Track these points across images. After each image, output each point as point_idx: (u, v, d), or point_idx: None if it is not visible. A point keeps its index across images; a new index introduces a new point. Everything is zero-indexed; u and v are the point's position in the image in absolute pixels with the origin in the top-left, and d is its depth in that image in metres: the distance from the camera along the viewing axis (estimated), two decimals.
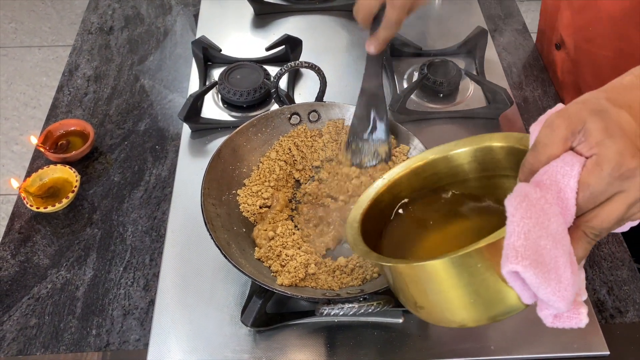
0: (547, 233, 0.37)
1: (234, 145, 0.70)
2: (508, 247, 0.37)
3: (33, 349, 0.65)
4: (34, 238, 0.75)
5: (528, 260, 0.36)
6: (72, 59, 1.00)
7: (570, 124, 0.39)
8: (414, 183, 0.56)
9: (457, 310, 0.44)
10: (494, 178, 0.53)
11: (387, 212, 0.56)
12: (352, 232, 0.51)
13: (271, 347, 0.64)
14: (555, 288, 0.37)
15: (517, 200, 0.38)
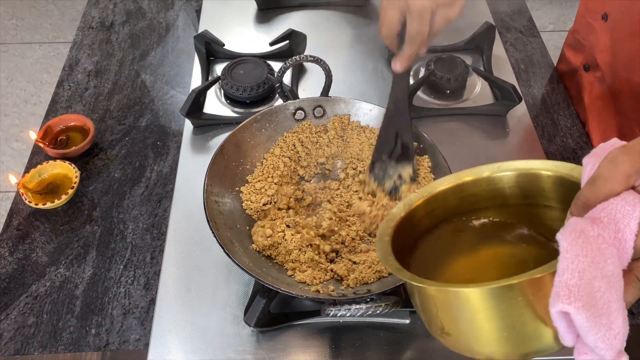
0: (603, 274, 0.35)
1: (238, 141, 0.69)
2: (560, 284, 0.34)
3: (31, 348, 0.64)
4: (32, 235, 0.73)
5: (581, 302, 0.34)
6: (73, 54, 0.98)
7: (636, 162, 0.37)
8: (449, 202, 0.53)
9: (487, 343, 0.41)
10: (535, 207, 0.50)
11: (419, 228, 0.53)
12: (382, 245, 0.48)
13: (275, 348, 0.62)
14: (605, 335, 0.34)
15: (572, 235, 0.35)
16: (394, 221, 0.50)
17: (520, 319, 0.39)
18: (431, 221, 0.53)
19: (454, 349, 0.43)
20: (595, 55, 0.85)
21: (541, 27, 2.39)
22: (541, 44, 1.00)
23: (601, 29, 0.83)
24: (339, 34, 0.99)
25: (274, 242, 0.64)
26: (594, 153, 0.40)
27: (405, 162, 0.66)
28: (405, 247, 0.51)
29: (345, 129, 0.73)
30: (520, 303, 0.38)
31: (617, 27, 0.79)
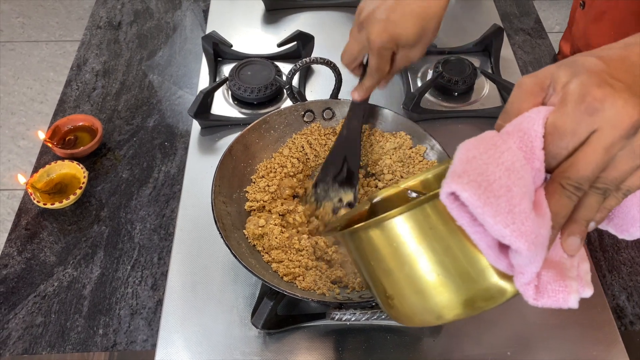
0: (498, 162, 0.33)
1: (246, 142, 0.69)
2: (449, 173, 0.33)
3: (39, 348, 0.64)
4: (40, 235, 0.74)
5: (467, 179, 0.32)
6: (81, 54, 0.98)
7: (538, 80, 0.37)
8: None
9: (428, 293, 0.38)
10: None
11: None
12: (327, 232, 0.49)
13: (281, 350, 0.62)
14: (506, 218, 0.32)
15: (470, 140, 0.35)
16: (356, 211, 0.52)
17: (449, 252, 0.37)
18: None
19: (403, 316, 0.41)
20: (577, 43, 0.88)
21: (548, 28, 2.38)
22: (549, 45, 1.00)
23: (580, 16, 0.86)
24: (346, 35, 0.98)
25: (264, 232, 0.64)
26: None
27: (348, 187, 0.68)
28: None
29: None
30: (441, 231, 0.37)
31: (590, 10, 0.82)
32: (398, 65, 0.63)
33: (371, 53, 0.61)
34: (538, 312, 0.64)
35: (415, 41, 0.59)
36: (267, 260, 0.63)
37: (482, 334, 0.63)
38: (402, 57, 0.61)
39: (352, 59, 0.64)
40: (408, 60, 0.62)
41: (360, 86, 0.65)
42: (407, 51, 0.61)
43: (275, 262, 0.62)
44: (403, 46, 0.60)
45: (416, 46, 0.60)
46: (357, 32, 0.62)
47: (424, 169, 0.68)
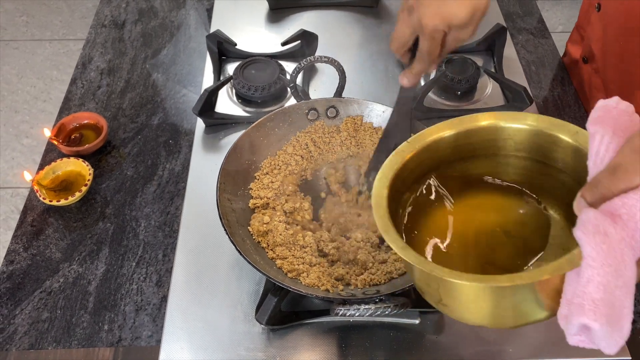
0: (623, 282, 0.34)
1: (251, 140, 0.69)
2: (585, 296, 0.34)
3: (45, 343, 0.65)
4: (46, 231, 0.74)
5: (605, 318, 0.33)
6: (86, 52, 0.99)
7: None
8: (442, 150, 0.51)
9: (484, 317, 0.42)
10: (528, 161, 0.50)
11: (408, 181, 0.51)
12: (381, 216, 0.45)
13: (285, 346, 0.63)
14: (617, 338, 0.34)
15: (596, 239, 0.34)
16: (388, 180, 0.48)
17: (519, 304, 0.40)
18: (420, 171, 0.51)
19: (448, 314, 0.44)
20: (591, 46, 0.86)
21: (551, 28, 2.38)
22: (552, 45, 1.00)
23: (595, 19, 0.84)
24: (350, 35, 0.99)
25: (268, 229, 0.64)
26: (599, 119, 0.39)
27: None
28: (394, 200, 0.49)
29: (357, 130, 0.73)
30: (522, 294, 0.39)
31: (609, 16, 0.81)
32: (449, 47, 0.61)
33: (423, 36, 0.59)
34: None
35: (467, 21, 0.57)
36: (272, 257, 0.63)
37: (483, 330, 0.63)
38: (453, 39, 0.59)
39: (403, 43, 0.62)
40: (459, 42, 0.60)
41: (410, 71, 0.63)
42: (458, 32, 0.59)
43: (280, 259, 0.63)
44: (455, 27, 0.58)
45: (468, 26, 0.58)
46: (407, 16, 0.59)
47: None
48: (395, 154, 0.50)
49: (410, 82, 0.63)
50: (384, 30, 0.99)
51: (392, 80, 0.91)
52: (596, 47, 0.85)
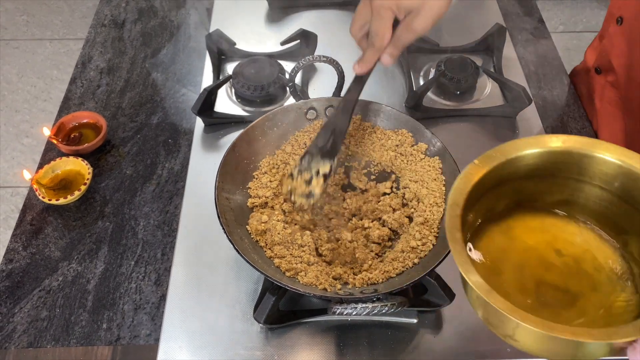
0: None
1: (249, 139, 0.69)
2: None
3: (43, 341, 0.65)
4: (45, 230, 0.75)
5: None
6: (85, 51, 0.99)
7: None
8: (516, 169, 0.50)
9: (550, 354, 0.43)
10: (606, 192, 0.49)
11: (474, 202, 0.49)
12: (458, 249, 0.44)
13: (283, 345, 0.63)
14: None
15: None
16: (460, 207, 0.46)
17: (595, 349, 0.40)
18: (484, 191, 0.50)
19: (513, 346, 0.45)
20: (610, 59, 0.84)
21: (552, 28, 2.39)
22: (551, 45, 1.00)
23: (615, 32, 0.82)
24: (349, 34, 0.99)
25: (266, 228, 0.64)
26: None
27: (327, 158, 0.65)
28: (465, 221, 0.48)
29: (356, 130, 0.73)
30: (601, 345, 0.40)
31: (633, 30, 0.79)
32: (400, 36, 0.58)
33: (372, 16, 0.58)
34: None
35: (417, 6, 0.55)
36: (270, 256, 0.63)
37: (481, 330, 0.63)
38: (405, 26, 0.58)
39: (359, 25, 0.61)
40: (411, 31, 0.58)
41: (362, 58, 0.62)
42: (410, 19, 0.57)
43: (278, 258, 0.63)
44: (405, 10, 0.56)
45: (420, 14, 0.56)
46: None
47: (425, 167, 0.69)
48: (463, 177, 0.48)
49: (360, 69, 0.63)
50: None
51: (391, 79, 0.91)
52: (617, 62, 0.82)
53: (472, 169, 0.48)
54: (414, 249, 0.63)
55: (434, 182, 0.67)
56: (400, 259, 0.62)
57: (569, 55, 2.22)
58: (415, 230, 0.64)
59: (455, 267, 0.68)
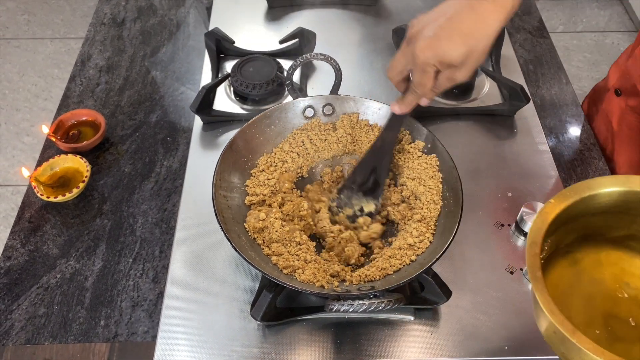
0: None
1: (247, 137, 0.70)
2: None
3: (41, 338, 0.65)
4: (43, 227, 0.75)
5: None
6: (85, 50, 0.99)
7: None
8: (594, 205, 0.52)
9: None
10: None
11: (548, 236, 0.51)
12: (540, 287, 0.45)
13: (280, 342, 0.63)
14: None
15: None
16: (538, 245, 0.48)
17: None
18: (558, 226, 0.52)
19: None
20: (634, 83, 0.83)
21: (551, 28, 2.39)
22: (550, 44, 1.00)
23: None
24: (348, 33, 0.99)
25: (264, 226, 0.64)
26: None
27: (371, 198, 0.68)
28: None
29: (354, 127, 0.73)
30: None
31: None
32: (441, 84, 0.60)
33: (415, 68, 0.60)
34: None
35: (460, 62, 0.57)
36: (267, 254, 0.63)
37: (478, 328, 0.63)
38: (446, 77, 0.60)
39: (397, 72, 0.63)
40: (452, 81, 0.60)
41: (402, 100, 0.65)
42: (452, 72, 0.59)
43: (275, 255, 0.63)
44: (447, 66, 0.58)
45: (462, 67, 0.58)
46: (406, 46, 0.60)
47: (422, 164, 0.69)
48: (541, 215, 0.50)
49: (400, 110, 0.65)
50: (382, 29, 0.99)
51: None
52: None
53: (549, 207, 0.51)
54: (411, 246, 0.63)
55: (431, 180, 0.67)
56: (397, 256, 0.62)
57: (568, 55, 2.22)
58: (412, 228, 0.64)
59: (455, 266, 0.68)
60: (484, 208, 0.74)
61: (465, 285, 0.67)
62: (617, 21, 2.39)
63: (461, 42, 0.56)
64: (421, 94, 0.62)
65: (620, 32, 2.35)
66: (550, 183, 0.77)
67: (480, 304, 0.65)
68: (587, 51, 2.25)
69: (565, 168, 0.82)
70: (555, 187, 0.76)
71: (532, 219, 0.69)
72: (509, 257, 0.69)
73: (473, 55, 0.57)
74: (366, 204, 0.68)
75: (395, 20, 1.00)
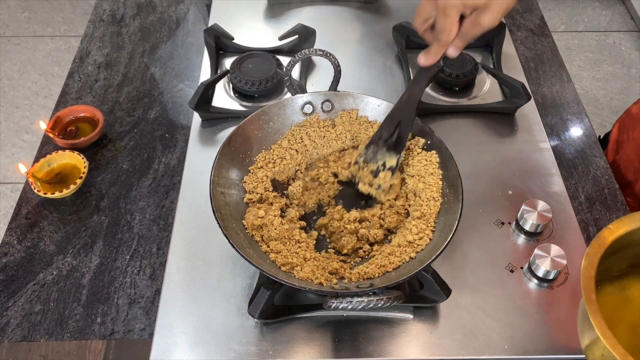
0: None
1: (245, 133, 0.69)
2: None
3: (37, 335, 0.64)
4: (40, 224, 0.74)
5: None
6: (84, 46, 0.99)
7: None
8: None
9: None
10: None
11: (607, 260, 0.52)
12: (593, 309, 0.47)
13: (278, 340, 0.62)
14: None
15: None
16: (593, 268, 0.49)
17: None
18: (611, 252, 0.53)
19: None
20: None
21: (552, 27, 2.38)
22: (552, 43, 1.00)
23: None
24: (348, 30, 0.99)
25: (263, 223, 0.64)
26: None
27: (393, 152, 0.67)
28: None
29: (353, 124, 0.73)
30: None
31: None
32: (468, 31, 0.57)
33: (437, 13, 0.57)
34: (534, 306, 0.64)
35: (485, 2, 0.53)
36: (265, 251, 0.63)
37: (478, 326, 0.63)
38: (472, 22, 0.56)
39: (423, 19, 0.60)
40: (479, 26, 0.56)
41: (428, 50, 0.61)
42: (477, 15, 0.55)
43: (274, 253, 0.62)
44: (471, 7, 0.55)
45: (487, 9, 0.54)
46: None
47: (422, 161, 0.68)
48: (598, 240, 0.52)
49: (426, 62, 0.62)
50: (382, 26, 0.98)
51: (390, 76, 0.90)
52: None
53: (606, 233, 0.52)
54: (411, 243, 0.62)
55: (431, 177, 0.67)
56: (396, 253, 0.62)
57: (569, 55, 2.22)
58: (412, 225, 0.64)
59: (454, 264, 0.67)
60: (484, 206, 0.73)
61: (465, 283, 0.66)
62: (619, 21, 2.39)
63: None
64: (446, 41, 0.58)
65: (621, 32, 2.34)
66: (551, 181, 0.76)
67: (480, 302, 0.65)
68: (589, 51, 2.24)
69: (566, 166, 0.81)
70: (556, 185, 0.76)
71: (532, 217, 0.68)
72: (509, 256, 0.69)
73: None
74: (389, 158, 0.67)
75: (395, 18, 0.99)
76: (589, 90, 2.10)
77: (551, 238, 0.70)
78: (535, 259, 0.65)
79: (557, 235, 0.70)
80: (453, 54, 0.61)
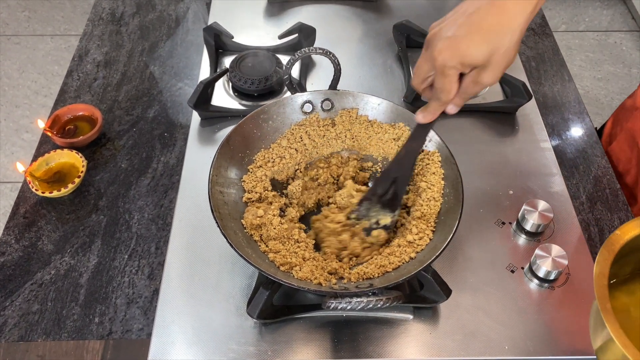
0: None
1: (244, 132, 0.69)
2: None
3: (34, 335, 0.64)
4: (38, 223, 0.74)
5: None
6: (83, 44, 0.98)
7: None
8: None
9: None
10: None
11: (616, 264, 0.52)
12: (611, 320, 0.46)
13: (277, 341, 0.62)
14: None
15: None
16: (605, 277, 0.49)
17: None
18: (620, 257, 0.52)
19: None
20: None
21: (554, 27, 2.38)
22: (553, 42, 0.99)
23: None
24: (348, 29, 0.98)
25: (262, 223, 0.63)
26: None
27: (388, 210, 0.65)
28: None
29: (353, 123, 0.72)
30: None
31: None
32: (467, 88, 0.56)
33: (435, 72, 0.56)
34: (535, 306, 0.64)
35: (483, 61, 0.52)
36: (264, 250, 0.62)
37: (478, 327, 0.62)
38: (471, 80, 0.55)
39: (421, 79, 0.59)
40: (479, 85, 0.55)
41: (426, 108, 0.60)
42: (477, 73, 0.54)
43: (273, 252, 0.62)
44: (470, 66, 0.54)
45: (487, 68, 0.53)
46: (425, 50, 0.57)
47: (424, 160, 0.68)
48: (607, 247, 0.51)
49: (424, 119, 0.61)
50: (382, 25, 0.98)
51: (390, 75, 0.90)
52: None
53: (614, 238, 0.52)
54: (411, 243, 0.62)
55: (432, 176, 0.66)
56: (396, 253, 0.61)
57: (570, 54, 2.21)
58: (412, 225, 0.63)
59: (455, 265, 0.67)
60: (484, 205, 0.73)
61: (465, 283, 0.66)
62: (620, 21, 2.38)
63: (482, 39, 0.51)
64: (445, 100, 0.57)
65: (622, 31, 2.33)
66: (552, 181, 0.76)
67: (481, 302, 0.64)
68: (590, 51, 2.24)
69: (567, 166, 0.81)
70: (557, 185, 0.75)
71: (533, 217, 0.68)
72: (510, 256, 0.68)
73: (498, 53, 0.52)
74: (383, 216, 0.65)
75: (396, 16, 0.99)
76: (590, 90, 2.09)
77: (552, 238, 0.70)
78: (536, 259, 0.64)
79: (558, 236, 0.70)
80: (452, 111, 0.60)
